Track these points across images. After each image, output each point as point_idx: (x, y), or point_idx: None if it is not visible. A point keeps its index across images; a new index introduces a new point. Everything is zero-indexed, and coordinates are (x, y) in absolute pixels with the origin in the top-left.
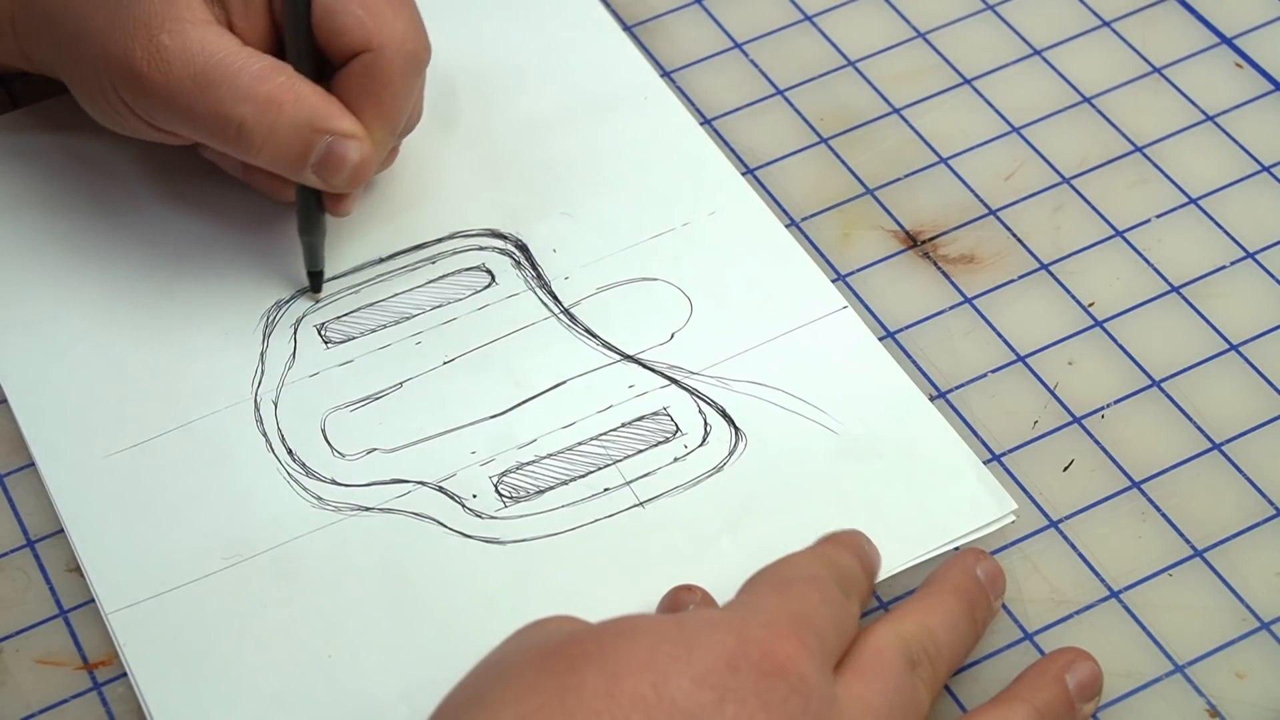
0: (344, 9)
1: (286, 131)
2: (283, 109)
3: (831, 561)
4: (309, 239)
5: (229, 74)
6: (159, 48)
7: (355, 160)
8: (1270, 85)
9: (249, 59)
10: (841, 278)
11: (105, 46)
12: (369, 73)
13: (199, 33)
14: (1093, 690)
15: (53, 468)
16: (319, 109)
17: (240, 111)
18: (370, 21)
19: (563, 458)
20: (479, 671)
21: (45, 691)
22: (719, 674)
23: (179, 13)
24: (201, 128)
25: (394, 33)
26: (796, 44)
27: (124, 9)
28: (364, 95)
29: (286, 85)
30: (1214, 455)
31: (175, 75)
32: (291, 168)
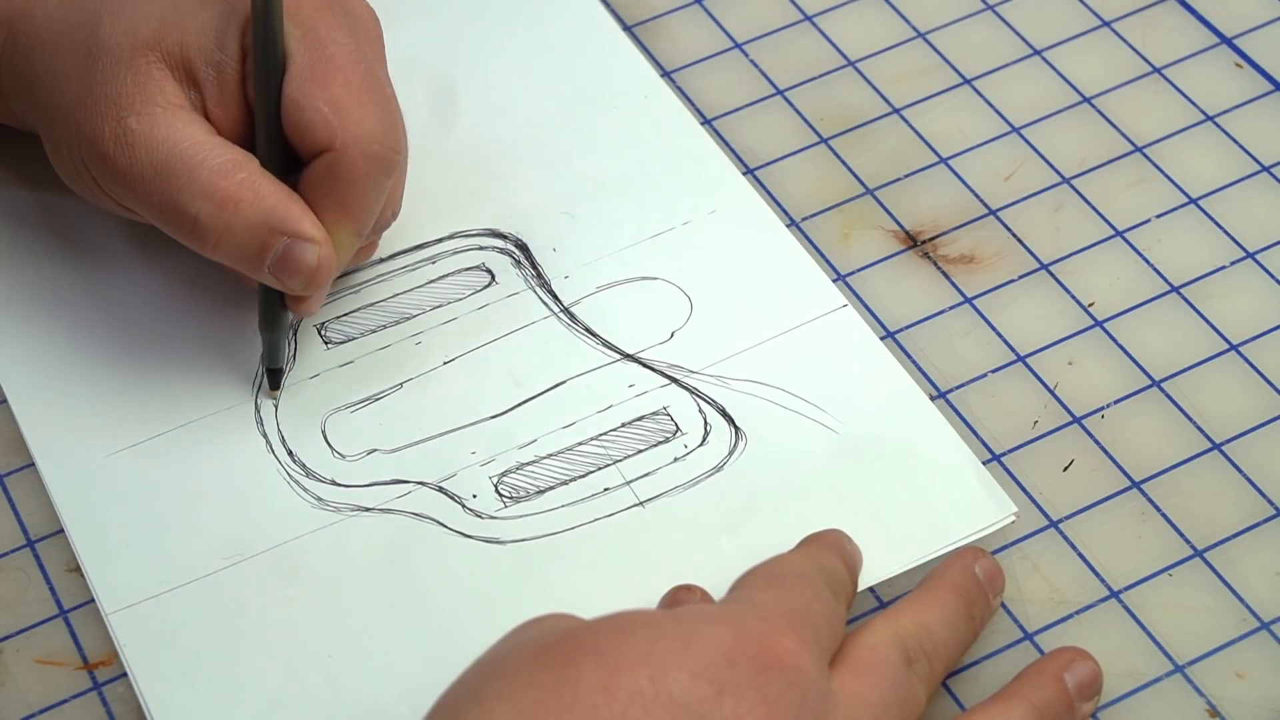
0: (310, 105)
1: (242, 230)
2: (239, 207)
3: (819, 563)
4: (270, 336)
5: (189, 166)
6: (126, 131)
7: (312, 264)
8: (1270, 85)
9: (212, 152)
10: (841, 278)
11: (77, 122)
12: (332, 173)
13: (167, 119)
14: (1092, 689)
15: (53, 468)
16: (277, 209)
17: (196, 207)
18: (335, 119)
19: (563, 458)
20: (476, 668)
21: (45, 691)
22: (717, 668)
23: (150, 95)
24: (159, 218)
25: (360, 132)
26: (796, 44)
27: (96, 85)
28: (327, 196)
29: (246, 182)
30: (1214, 455)
31: (138, 161)
32: (248, 267)
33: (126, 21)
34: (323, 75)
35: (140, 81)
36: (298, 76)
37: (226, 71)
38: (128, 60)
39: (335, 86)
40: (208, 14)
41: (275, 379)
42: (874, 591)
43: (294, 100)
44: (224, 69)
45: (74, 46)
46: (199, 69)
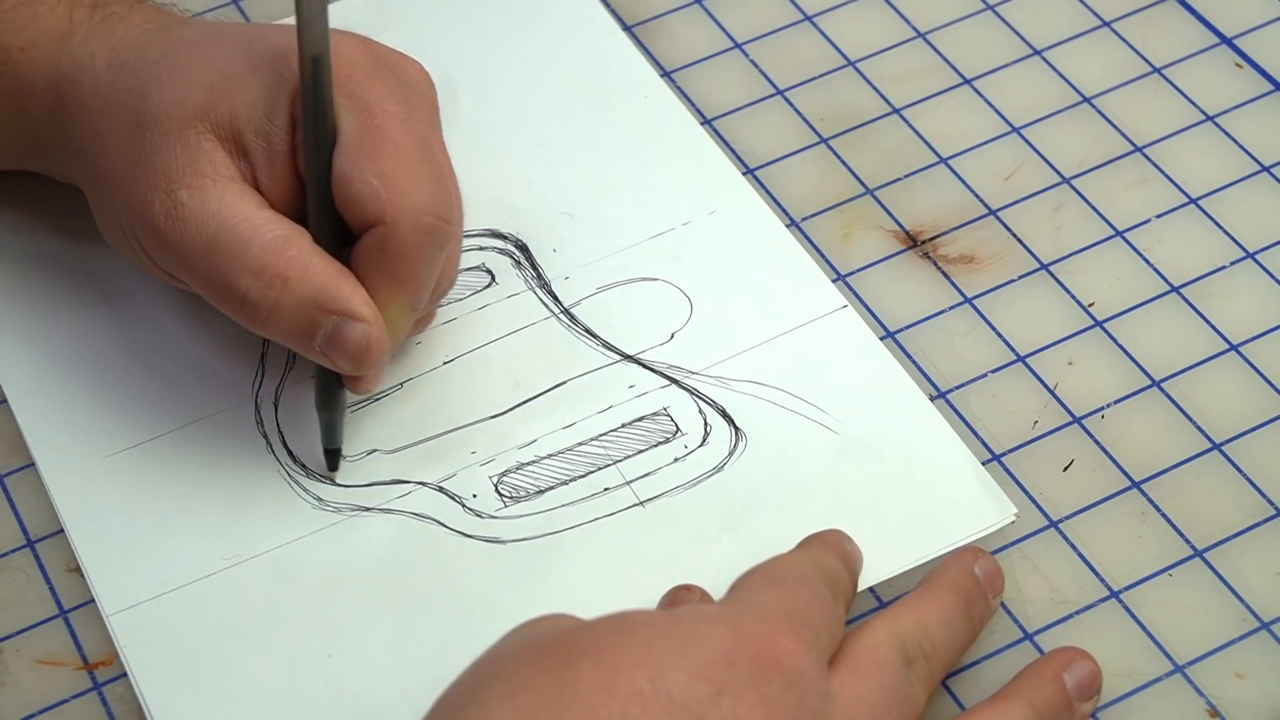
0: (359, 178)
1: (290, 309)
2: (288, 285)
3: (819, 564)
4: (327, 416)
5: (240, 242)
6: (177, 204)
7: (361, 344)
8: (1270, 85)
9: (262, 227)
10: (841, 278)
11: (126, 193)
12: (383, 247)
13: (218, 191)
14: (1091, 689)
15: (53, 468)
16: (326, 287)
17: (245, 284)
18: (385, 192)
19: (563, 458)
20: (475, 668)
21: (45, 691)
22: (715, 668)
23: (200, 168)
24: (208, 293)
25: (410, 204)
26: (796, 44)
27: (146, 156)
28: (378, 271)
29: (296, 259)
30: (1214, 455)
31: (189, 236)
32: (298, 345)
33: (175, 91)
34: (372, 147)
35: (190, 153)
36: (347, 148)
37: (276, 142)
38: (177, 131)
39: (384, 158)
40: (257, 83)
41: (334, 460)
42: (874, 591)
43: (343, 173)
44: (273, 139)
45: (122, 115)
46: (248, 139)
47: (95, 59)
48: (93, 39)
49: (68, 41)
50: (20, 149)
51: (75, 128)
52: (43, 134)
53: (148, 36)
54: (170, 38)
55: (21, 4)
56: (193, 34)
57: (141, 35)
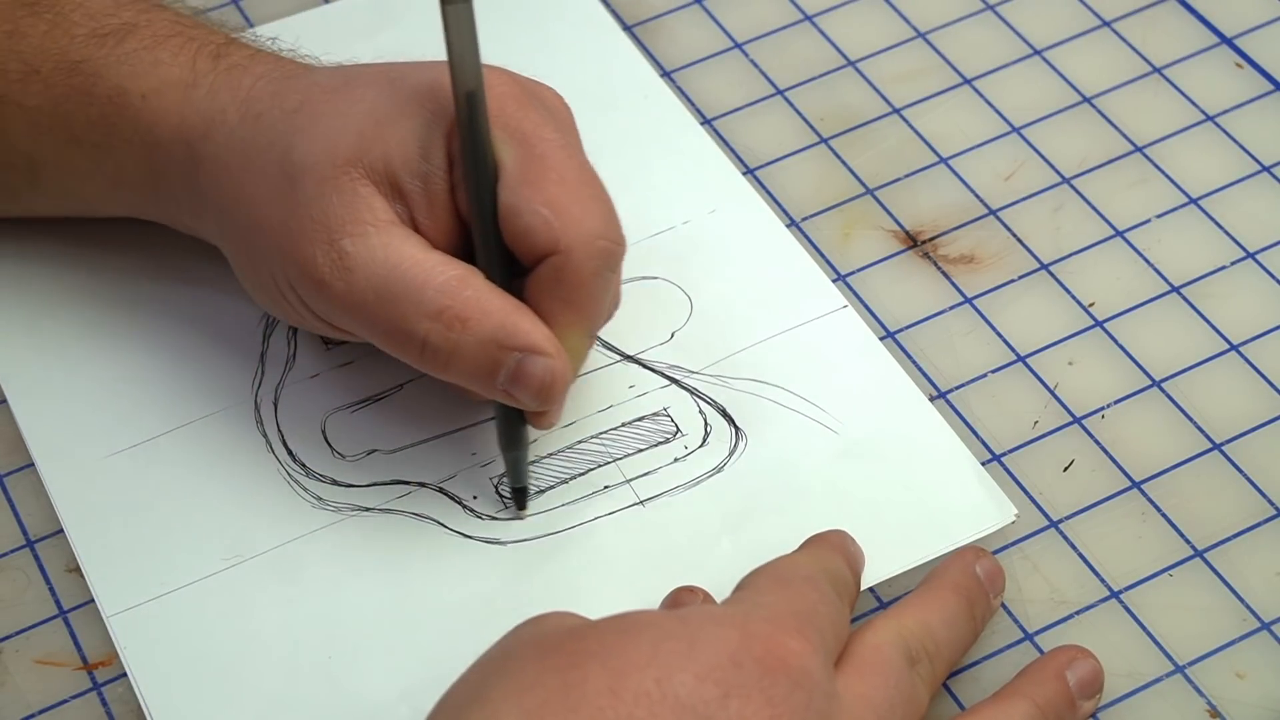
0: (528, 209)
1: (471, 350)
2: (468, 326)
3: (824, 564)
4: (512, 455)
5: (413, 287)
6: (341, 254)
7: (546, 379)
8: (1270, 85)
9: (434, 270)
10: (841, 278)
11: (282, 247)
12: (559, 277)
13: (383, 238)
14: (1093, 688)
15: (53, 468)
16: (506, 324)
17: (423, 329)
18: (557, 222)
19: (563, 457)
20: (480, 667)
21: (45, 692)
22: (722, 669)
23: (360, 215)
24: (382, 340)
25: (583, 231)
26: (796, 44)
27: (301, 208)
28: (555, 300)
29: (473, 299)
30: (1214, 455)
31: (357, 285)
32: (480, 386)
33: (323, 140)
34: (536, 176)
35: (346, 200)
36: (511, 181)
37: (434, 182)
38: (331, 180)
39: (550, 186)
40: (409, 124)
41: (521, 498)
42: (874, 592)
43: (511, 207)
44: (431, 180)
45: (266, 168)
46: (404, 181)
47: (226, 114)
48: (220, 91)
49: (192, 93)
50: (140, 196)
51: (214, 186)
52: (172, 189)
53: (278, 85)
54: (303, 85)
55: (143, 49)
56: (326, 80)
57: (271, 85)
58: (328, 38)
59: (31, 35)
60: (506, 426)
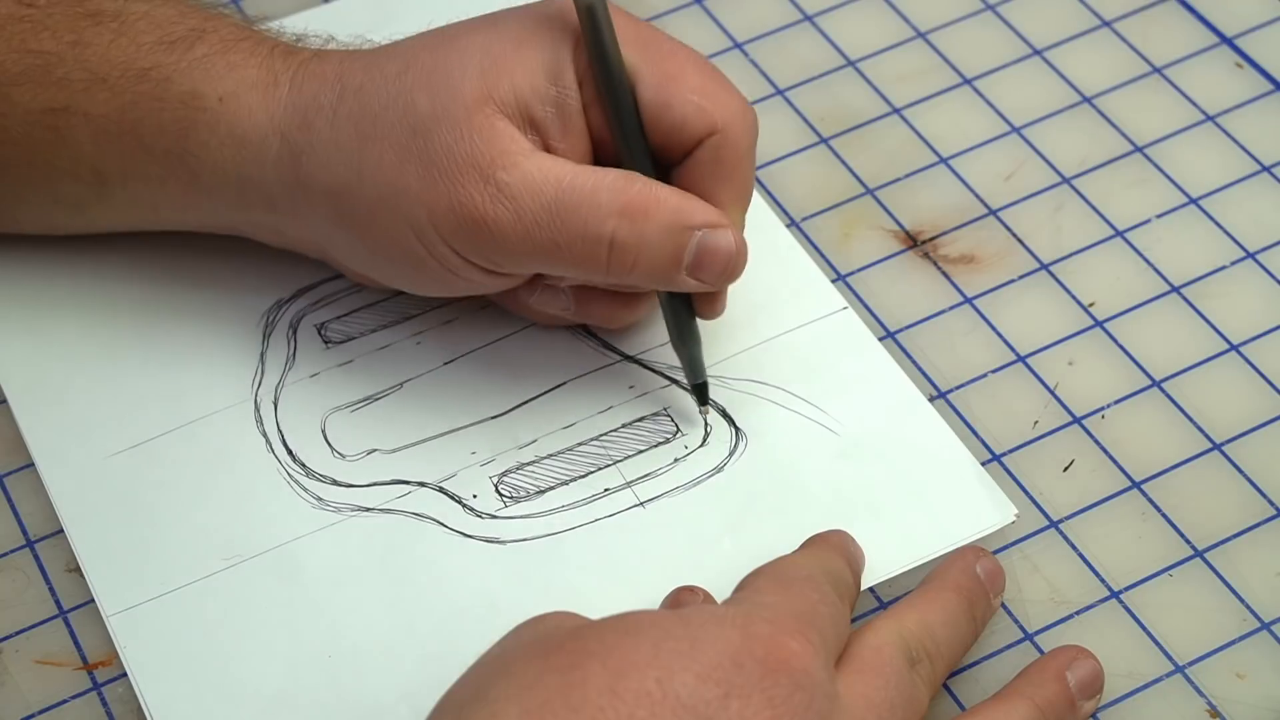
0: (680, 100)
1: (657, 237)
2: (649, 215)
3: (825, 565)
4: (688, 350)
5: (587, 194)
6: (501, 186)
7: (730, 250)
8: (1270, 85)
9: (597, 175)
10: (841, 278)
11: (427, 201)
12: (719, 155)
13: (534, 163)
14: (1094, 688)
15: (53, 468)
16: (683, 207)
17: (609, 227)
18: (710, 104)
19: (563, 458)
20: (480, 667)
21: (45, 691)
22: (723, 669)
23: (506, 145)
24: (565, 257)
25: (733, 109)
26: (796, 44)
27: (441, 157)
28: (717, 179)
29: (645, 191)
30: (1214, 455)
31: (527, 209)
32: (665, 276)
33: (445, 88)
34: (675, 70)
35: (487, 138)
36: (652, 79)
37: (567, 104)
38: (465, 121)
39: (692, 76)
40: (531, 53)
41: (703, 393)
42: (874, 592)
43: (659, 102)
44: (564, 103)
45: (390, 131)
46: (536, 109)
47: (319, 100)
48: (306, 83)
49: (275, 90)
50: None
51: (325, 170)
52: (265, 189)
53: (367, 61)
54: (399, 51)
55: (215, 54)
56: (420, 42)
57: (359, 63)
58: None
59: (96, 44)
60: (677, 323)
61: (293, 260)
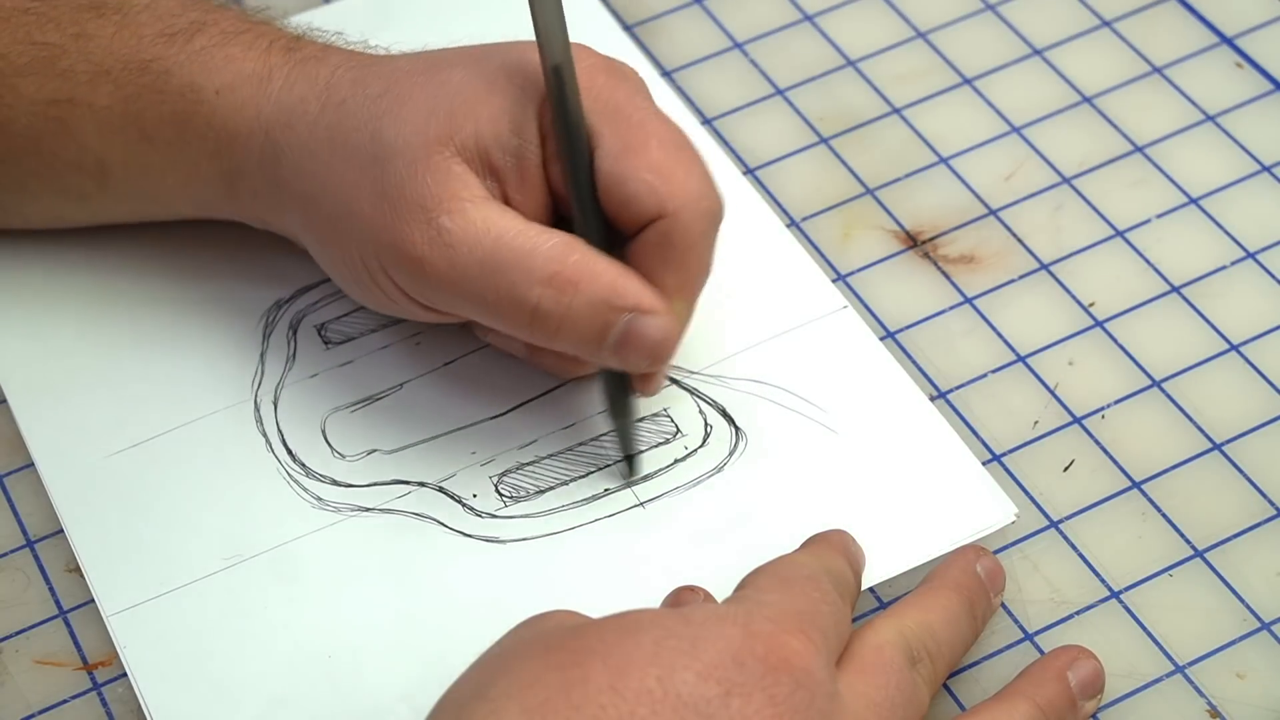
0: (634, 176)
1: (583, 312)
2: (579, 289)
3: (826, 564)
4: (621, 422)
5: (522, 255)
6: (440, 231)
7: (656, 338)
8: (1270, 85)
9: (538, 238)
10: (841, 278)
11: (374, 230)
12: (667, 240)
13: (481, 212)
14: (1095, 688)
15: (52, 468)
16: (616, 285)
17: (534, 295)
18: (663, 186)
19: (563, 458)
20: (481, 665)
21: (45, 691)
22: (724, 668)
23: (456, 191)
24: (489, 313)
25: (689, 193)
26: (796, 44)
27: (393, 190)
28: (664, 264)
29: (582, 263)
30: (1214, 455)
31: (460, 260)
32: (588, 349)
33: (412, 121)
34: (638, 144)
35: (440, 179)
36: (612, 149)
37: (527, 157)
38: (423, 159)
39: (652, 152)
40: (499, 101)
41: (634, 465)
42: (874, 591)
43: (614, 175)
44: (524, 155)
45: (353, 153)
46: (497, 158)
47: (306, 104)
48: (297, 83)
49: (269, 86)
50: (214, 192)
51: (297, 176)
52: (251, 184)
53: (357, 73)
54: (386, 70)
55: (214, 46)
56: (408, 64)
57: (350, 73)
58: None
59: (99, 37)
60: (613, 396)
61: (293, 260)
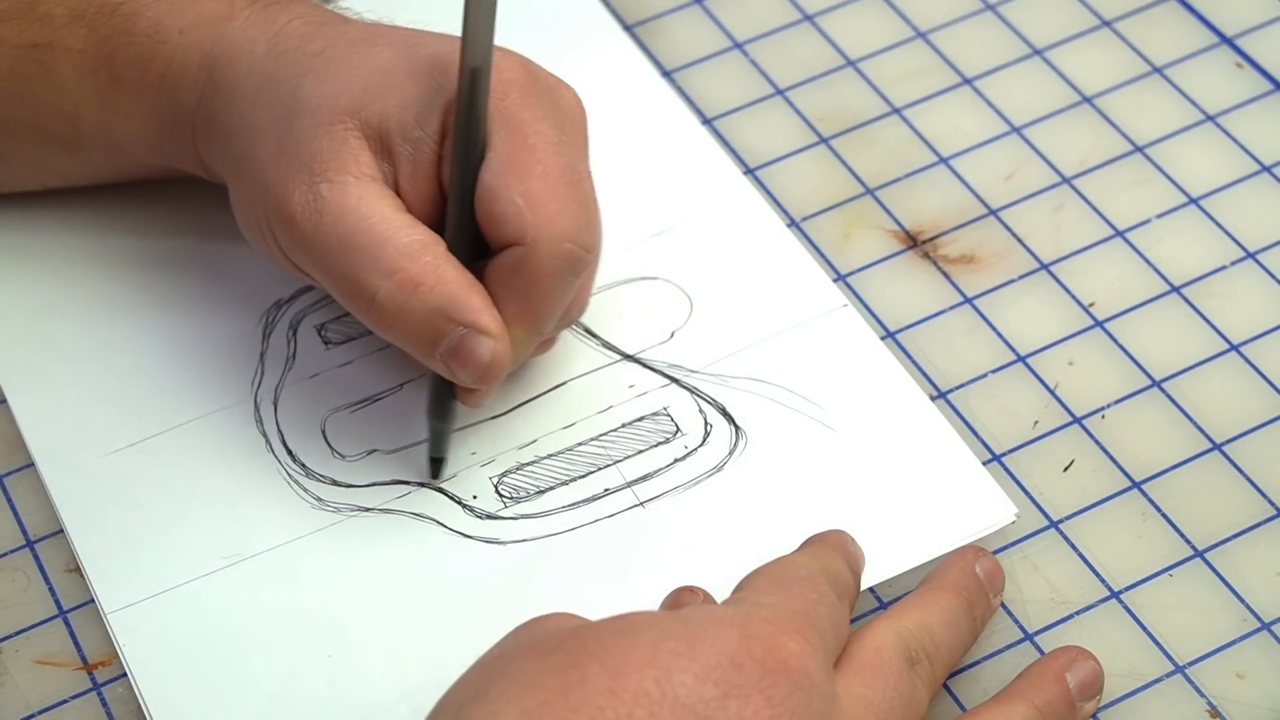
0: (505, 196)
1: (418, 315)
2: (419, 291)
3: (824, 565)
4: (438, 425)
5: (375, 242)
6: (317, 197)
7: (484, 359)
8: (1270, 85)
9: (399, 230)
10: (842, 278)
11: (267, 179)
12: (518, 268)
13: (359, 189)
14: (1094, 689)
15: (53, 468)
16: (458, 298)
17: (376, 284)
18: (529, 213)
19: (563, 458)
20: (480, 667)
21: (45, 691)
22: (722, 670)
23: (344, 163)
24: (335, 288)
25: (552, 229)
26: (796, 44)
27: (292, 146)
28: (510, 290)
29: (430, 266)
30: (1214, 455)
31: (323, 229)
32: (419, 351)
33: (331, 85)
34: (522, 166)
35: (335, 147)
36: (496, 165)
37: (423, 149)
38: (326, 124)
39: (533, 179)
40: (414, 89)
41: (437, 469)
42: (874, 592)
43: (489, 189)
44: (421, 146)
45: (275, 102)
46: (395, 143)
47: (255, 44)
48: (253, 25)
49: (226, 25)
50: (171, 137)
51: (226, 110)
52: (191, 117)
53: (310, 29)
54: (332, 33)
55: None
56: (354, 32)
57: (303, 27)
58: None
59: None
60: (437, 396)
61: None
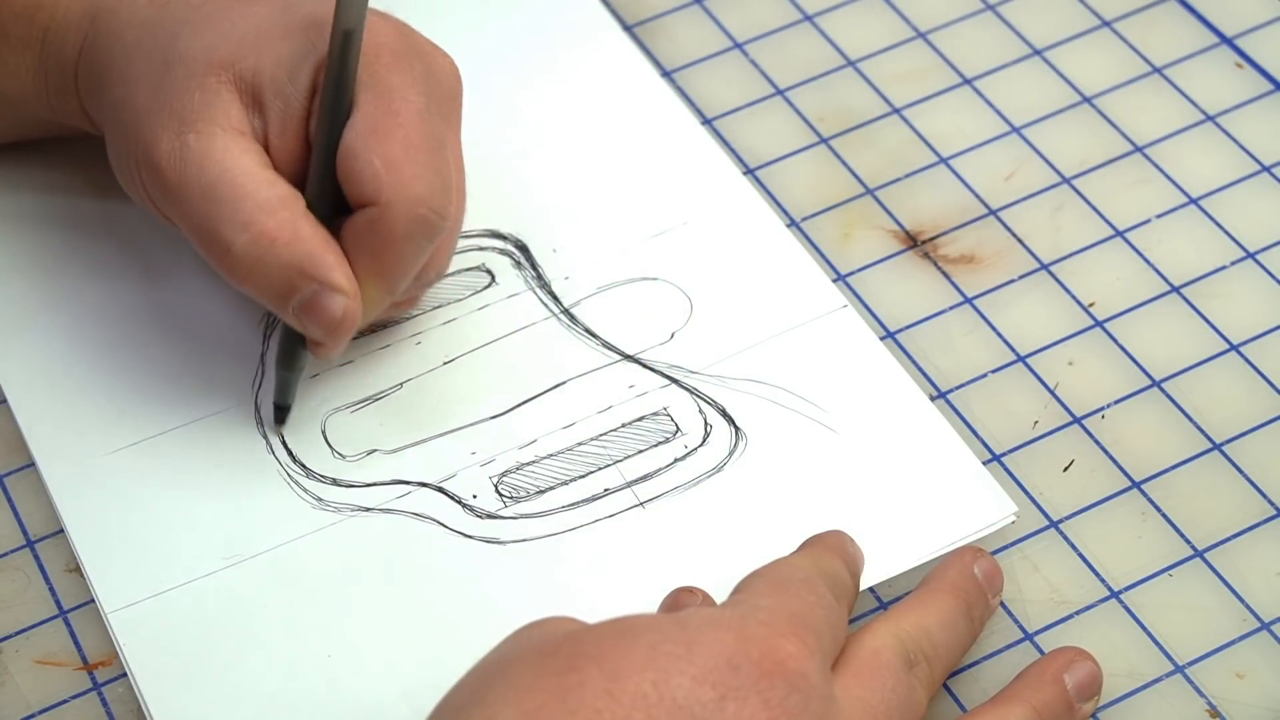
0: (364, 156)
1: (273, 268)
2: (275, 245)
3: (822, 566)
4: (284, 374)
5: (236, 194)
6: (183, 146)
7: (336, 315)
8: (1270, 85)
9: (260, 184)
10: (842, 278)
11: (139, 124)
12: (373, 228)
13: (225, 142)
14: (1092, 690)
15: (53, 468)
16: (312, 254)
17: (233, 236)
18: (385, 175)
19: (563, 458)
20: (478, 671)
21: (45, 692)
22: (719, 672)
23: (214, 115)
24: (195, 238)
25: (407, 192)
26: (796, 44)
27: (164, 95)
28: (364, 250)
29: (287, 221)
30: (1214, 455)
31: (188, 179)
32: (273, 305)
33: (208, 37)
34: (384, 129)
35: (207, 99)
36: (359, 125)
37: (293, 105)
38: (200, 75)
39: (393, 143)
40: (287, 46)
41: (282, 415)
42: (874, 592)
43: (350, 148)
44: (291, 102)
45: (152, 50)
46: (266, 98)
47: None
48: None
49: None
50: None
51: (107, 58)
52: (74, 67)
53: None
54: None
55: None
56: None
57: None
58: None
59: None
60: (288, 347)
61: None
